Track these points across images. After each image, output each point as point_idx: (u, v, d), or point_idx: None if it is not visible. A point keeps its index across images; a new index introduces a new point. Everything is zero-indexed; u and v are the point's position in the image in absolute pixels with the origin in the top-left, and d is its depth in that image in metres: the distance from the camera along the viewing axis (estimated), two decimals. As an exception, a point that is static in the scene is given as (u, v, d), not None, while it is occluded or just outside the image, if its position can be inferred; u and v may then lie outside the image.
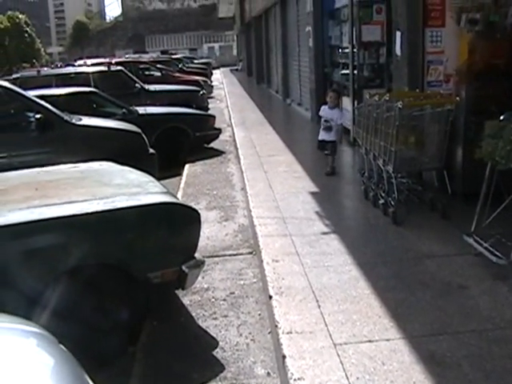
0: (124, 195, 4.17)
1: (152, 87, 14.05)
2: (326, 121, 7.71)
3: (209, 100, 18.63)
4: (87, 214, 3.73)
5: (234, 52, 58.36)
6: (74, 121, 7.73)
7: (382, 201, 5.81)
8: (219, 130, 11.74)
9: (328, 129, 7.68)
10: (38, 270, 3.57)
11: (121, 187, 4.49)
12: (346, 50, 10.39)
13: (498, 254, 4.37)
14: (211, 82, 27.06)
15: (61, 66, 23.93)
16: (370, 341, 3.39)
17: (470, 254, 4.61)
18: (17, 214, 3.70)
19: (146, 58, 27.59)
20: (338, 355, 3.25)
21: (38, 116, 7.20)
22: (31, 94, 7.83)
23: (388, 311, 3.74)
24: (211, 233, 6.09)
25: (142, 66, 18.71)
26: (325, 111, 7.76)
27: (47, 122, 7.26)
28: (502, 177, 4.56)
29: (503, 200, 4.57)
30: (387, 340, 3.39)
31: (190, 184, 8.56)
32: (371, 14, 9.21)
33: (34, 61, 58.01)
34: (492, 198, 4.60)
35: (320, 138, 7.85)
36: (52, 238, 3.64)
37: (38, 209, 3.78)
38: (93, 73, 13.31)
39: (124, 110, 10.03)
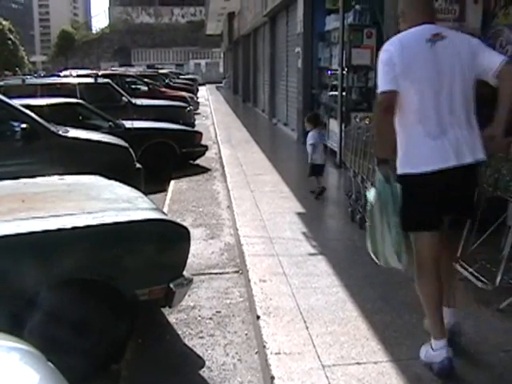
0: (113, 210, 4.14)
1: (139, 101, 14.03)
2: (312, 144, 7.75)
3: (195, 116, 18.66)
4: (76, 228, 3.70)
5: (221, 69, 58.73)
6: (60, 132, 7.68)
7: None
8: (206, 147, 11.76)
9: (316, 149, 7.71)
10: (24, 284, 3.53)
11: (110, 202, 4.46)
12: (335, 72, 10.50)
13: (483, 279, 4.41)
14: (197, 98, 27.13)
15: (44, 76, 23.84)
16: (358, 363, 3.39)
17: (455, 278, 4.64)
18: (2, 226, 3.66)
19: (132, 71, 27.62)
20: (327, 377, 3.24)
21: (23, 126, 7.13)
22: (17, 103, 7.77)
23: (375, 334, 3.75)
24: (197, 250, 6.06)
25: (128, 80, 18.69)
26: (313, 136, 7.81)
27: (33, 133, 7.20)
28: (488, 203, 4.61)
29: (489, 226, 4.62)
30: (375, 363, 3.40)
31: (175, 200, 8.54)
32: (361, 38, 9.34)
33: (17, 69, 57.67)
34: (478, 224, 4.64)
35: (316, 162, 7.79)
36: (39, 251, 3.61)
37: (25, 221, 3.75)
38: (79, 84, 13.25)
39: (110, 124, 10.00)
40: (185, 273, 4.14)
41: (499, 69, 3.24)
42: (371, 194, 3.45)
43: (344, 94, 9.79)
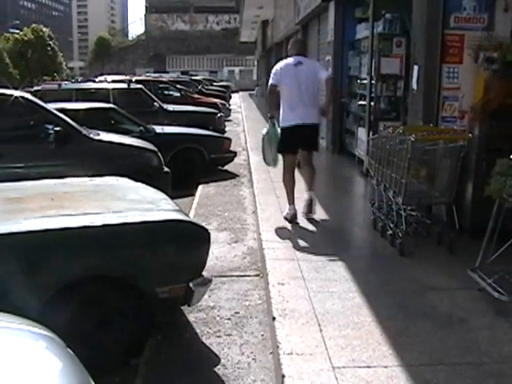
0: (137, 210, 4.28)
1: (170, 107, 14.25)
2: None
3: (226, 123, 18.82)
4: (100, 226, 3.84)
5: (254, 77, 58.98)
6: (91, 135, 7.88)
7: (390, 232, 5.88)
8: (234, 153, 11.87)
9: None
10: (48, 278, 3.68)
11: (134, 202, 4.60)
12: (364, 81, 10.53)
13: (500, 290, 4.41)
14: (229, 105, 27.31)
15: (81, 81, 24.28)
16: (368, 366, 3.45)
17: (474, 288, 4.65)
18: (32, 222, 3.82)
19: (166, 77, 27.94)
20: (336, 378, 3.31)
21: (56, 129, 7.34)
22: (51, 106, 8.00)
23: (388, 339, 3.79)
24: (220, 253, 6.18)
25: (161, 86, 18.96)
26: None
27: (66, 135, 7.41)
28: (509, 214, 4.62)
29: (509, 237, 4.62)
30: (385, 367, 3.44)
31: (202, 205, 8.67)
32: (391, 47, 9.35)
33: (55, 74, 58.67)
34: (498, 235, 4.65)
35: None
36: (64, 247, 3.75)
37: (53, 218, 3.90)
38: (113, 89, 13.51)
39: (141, 128, 10.20)
40: (204, 273, 4.25)
41: (324, 79, 6.84)
42: (264, 131, 7.14)
43: (372, 103, 9.83)
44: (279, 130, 6.89)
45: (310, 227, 6.56)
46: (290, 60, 6.92)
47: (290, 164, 7.04)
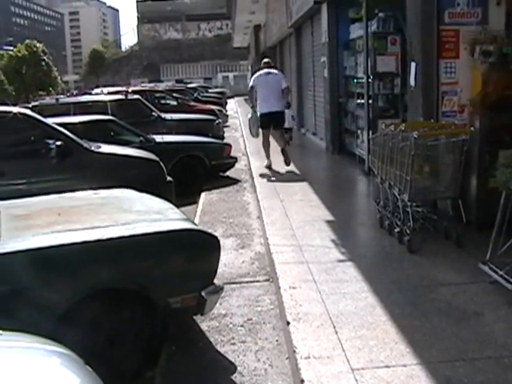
0: (145, 221, 4.27)
1: (168, 116, 14.22)
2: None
3: (224, 129, 18.81)
4: (109, 239, 3.83)
5: (249, 81, 58.97)
6: (93, 148, 7.86)
7: (397, 229, 5.87)
8: (235, 159, 11.86)
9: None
10: (60, 294, 3.66)
11: (141, 214, 4.60)
12: (361, 81, 10.54)
13: (513, 281, 4.40)
14: (226, 111, 27.31)
15: (77, 94, 24.28)
16: (386, 366, 3.43)
17: (485, 281, 4.64)
18: (41, 238, 3.81)
19: (161, 86, 27.93)
20: (356, 380, 3.30)
21: (58, 143, 7.31)
22: (51, 121, 7.99)
23: (404, 337, 3.78)
24: (228, 260, 6.17)
25: (158, 95, 18.95)
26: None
27: (67, 149, 7.39)
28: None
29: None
30: (404, 366, 3.43)
31: (206, 212, 8.66)
32: (386, 46, 9.39)
33: (51, 89, 58.76)
34: (506, 226, 4.64)
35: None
36: (74, 262, 3.74)
37: (62, 234, 3.89)
38: (110, 101, 13.47)
39: (141, 138, 10.18)
40: (215, 281, 4.24)
41: (283, 87, 10.95)
42: (249, 116, 11.54)
43: (370, 101, 9.83)
44: (258, 114, 11.00)
45: (317, 229, 6.54)
46: (263, 71, 11.16)
47: (266, 135, 11.15)
